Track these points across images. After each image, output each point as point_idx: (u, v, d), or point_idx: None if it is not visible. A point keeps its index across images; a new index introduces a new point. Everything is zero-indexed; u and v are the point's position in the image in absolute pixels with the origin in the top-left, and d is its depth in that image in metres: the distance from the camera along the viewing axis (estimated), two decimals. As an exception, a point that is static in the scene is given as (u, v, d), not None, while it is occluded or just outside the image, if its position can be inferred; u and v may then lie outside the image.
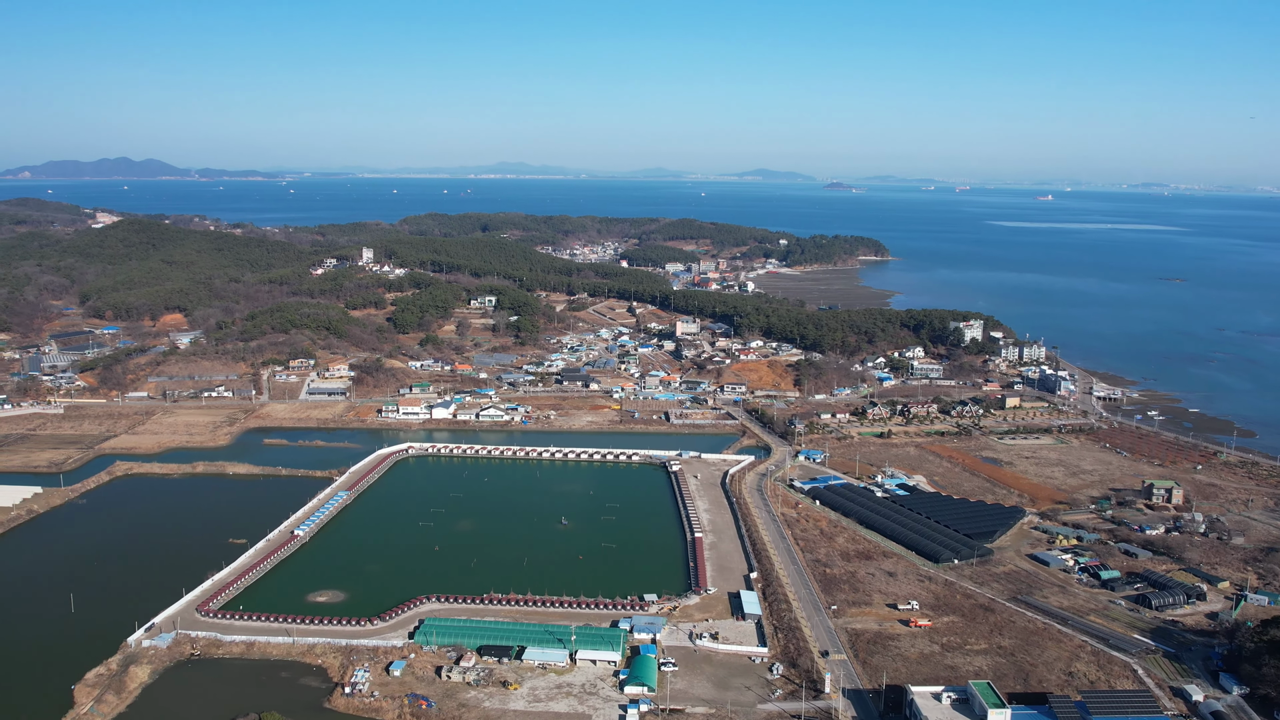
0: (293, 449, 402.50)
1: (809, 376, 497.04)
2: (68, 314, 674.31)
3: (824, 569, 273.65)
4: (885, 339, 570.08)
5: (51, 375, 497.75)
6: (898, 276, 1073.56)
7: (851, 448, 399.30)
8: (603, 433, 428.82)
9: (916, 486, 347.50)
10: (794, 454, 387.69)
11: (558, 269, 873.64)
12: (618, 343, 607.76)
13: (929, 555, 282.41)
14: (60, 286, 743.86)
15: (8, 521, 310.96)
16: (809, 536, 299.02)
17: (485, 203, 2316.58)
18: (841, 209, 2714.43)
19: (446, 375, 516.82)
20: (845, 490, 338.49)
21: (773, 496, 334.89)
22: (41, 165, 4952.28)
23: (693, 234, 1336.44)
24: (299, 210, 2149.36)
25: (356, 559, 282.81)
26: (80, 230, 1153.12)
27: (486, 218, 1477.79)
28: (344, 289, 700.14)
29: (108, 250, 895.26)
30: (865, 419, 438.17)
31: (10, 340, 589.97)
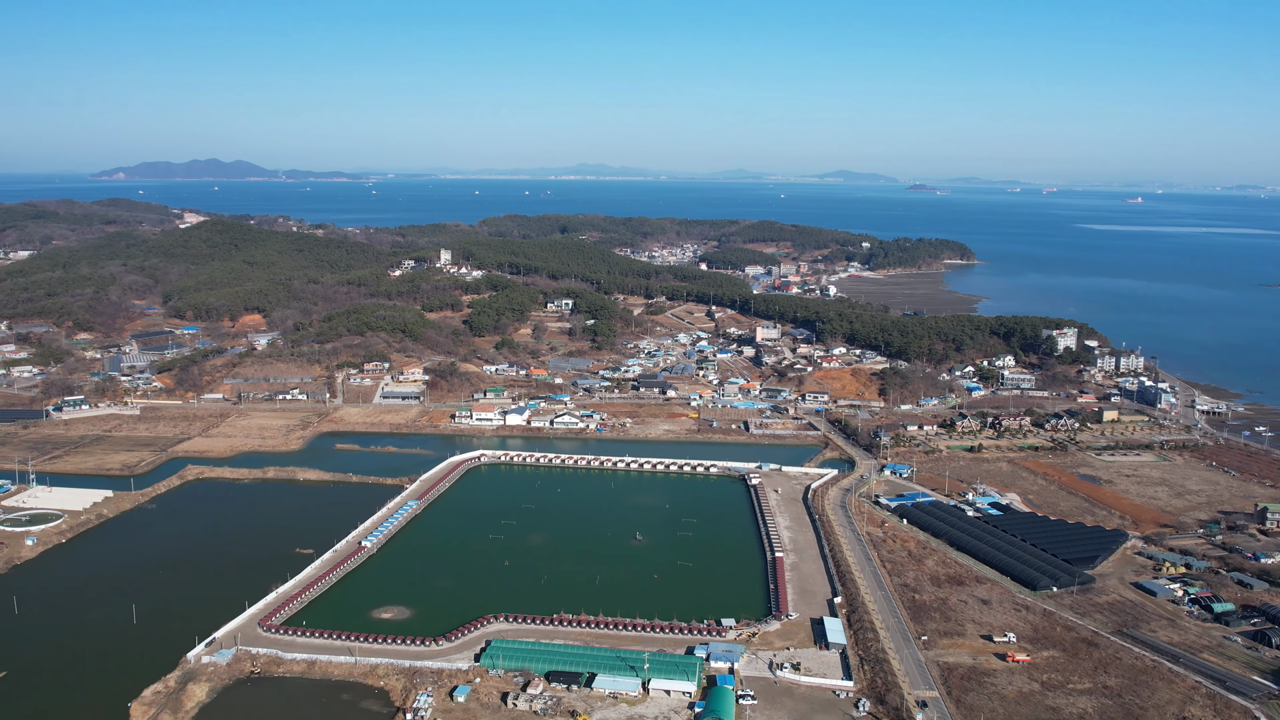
0: (364, 454, 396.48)
1: (894, 386, 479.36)
2: (150, 314, 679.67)
3: (913, 595, 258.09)
4: (974, 347, 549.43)
5: (130, 376, 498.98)
6: (984, 281, 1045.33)
7: (940, 462, 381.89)
8: (679, 442, 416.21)
9: (1010, 505, 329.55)
10: (879, 468, 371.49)
11: (636, 271, 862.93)
12: (696, 348, 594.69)
13: (1026, 582, 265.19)
14: (144, 286, 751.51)
15: (77, 526, 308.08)
16: (896, 558, 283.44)
17: (564, 204, 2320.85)
18: (924, 211, 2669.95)
19: (521, 380, 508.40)
20: (935, 509, 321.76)
21: (857, 514, 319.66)
22: (135, 166, 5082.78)
23: (773, 236, 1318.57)
24: (381, 211, 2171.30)
25: (424, 573, 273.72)
26: (167, 230, 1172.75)
27: (565, 219, 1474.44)
28: (421, 291, 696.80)
29: (191, 250, 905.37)
30: (954, 432, 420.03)
31: (93, 340, 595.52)
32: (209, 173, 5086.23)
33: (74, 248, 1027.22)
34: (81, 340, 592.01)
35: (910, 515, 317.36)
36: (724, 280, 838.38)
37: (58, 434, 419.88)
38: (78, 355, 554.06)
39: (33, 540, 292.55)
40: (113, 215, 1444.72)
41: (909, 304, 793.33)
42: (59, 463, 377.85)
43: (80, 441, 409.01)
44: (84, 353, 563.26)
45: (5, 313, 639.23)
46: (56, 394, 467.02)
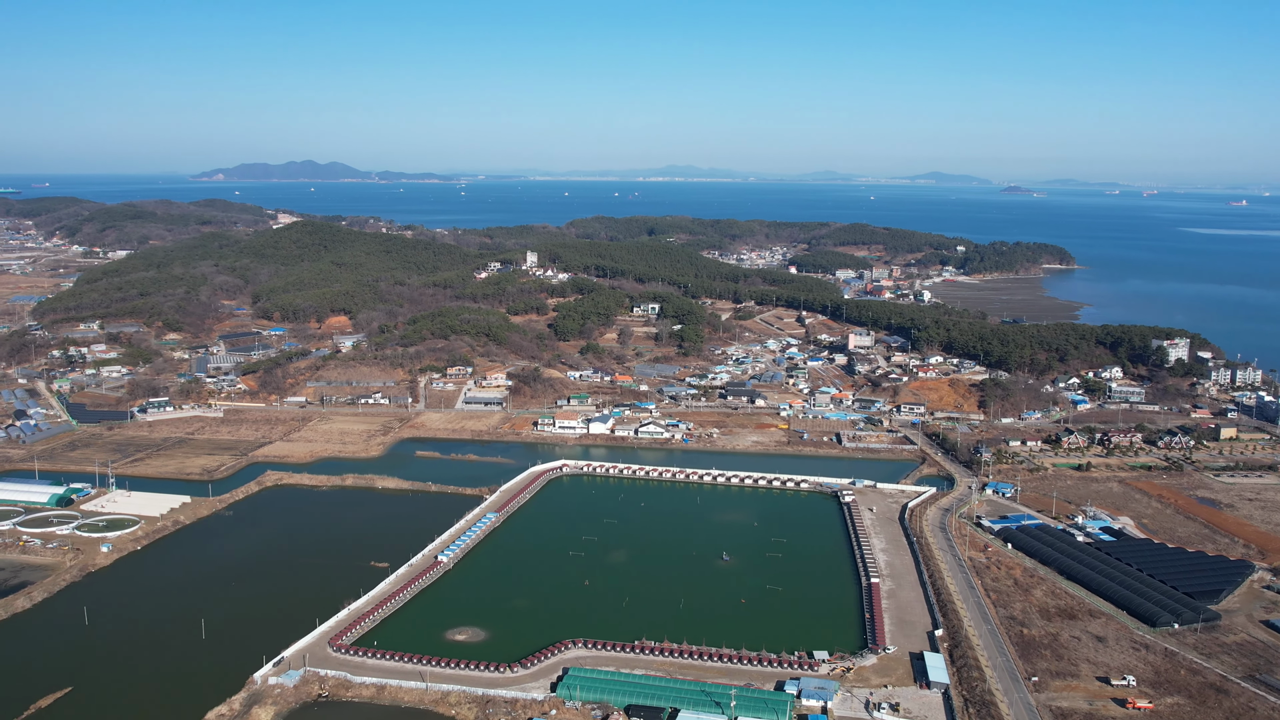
0: (444, 462, 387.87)
1: (995, 398, 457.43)
2: (238, 315, 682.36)
3: (1020, 629, 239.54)
4: (1078, 357, 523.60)
5: (214, 378, 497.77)
6: (1085, 287, 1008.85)
7: (1045, 481, 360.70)
8: (768, 454, 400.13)
9: (1123, 530, 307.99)
10: (980, 486, 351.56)
11: (724, 275, 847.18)
12: (785, 355, 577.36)
13: (1144, 617, 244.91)
14: (234, 287, 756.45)
15: (153, 533, 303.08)
16: (1001, 587, 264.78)
17: (652, 205, 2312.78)
18: (1020, 214, 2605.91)
19: (606, 387, 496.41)
20: (1042, 533, 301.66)
21: (958, 536, 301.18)
22: (234, 168, 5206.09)
23: (864, 239, 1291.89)
24: (470, 212, 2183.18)
25: (501, 592, 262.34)
26: (259, 231, 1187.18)
27: (653, 221, 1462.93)
28: (506, 294, 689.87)
29: (281, 251, 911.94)
30: (1059, 448, 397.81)
31: (181, 340, 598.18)
32: (304, 174, 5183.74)
33: (169, 248, 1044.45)
34: (170, 340, 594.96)
35: (1015, 539, 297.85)
36: (814, 284, 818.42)
37: (141, 436, 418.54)
38: (166, 356, 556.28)
39: (108, 547, 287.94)
40: (208, 215, 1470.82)
41: (1007, 310, 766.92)
42: (140, 466, 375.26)
43: (163, 444, 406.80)
44: (172, 353, 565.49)
45: (99, 312, 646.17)
46: (142, 395, 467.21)
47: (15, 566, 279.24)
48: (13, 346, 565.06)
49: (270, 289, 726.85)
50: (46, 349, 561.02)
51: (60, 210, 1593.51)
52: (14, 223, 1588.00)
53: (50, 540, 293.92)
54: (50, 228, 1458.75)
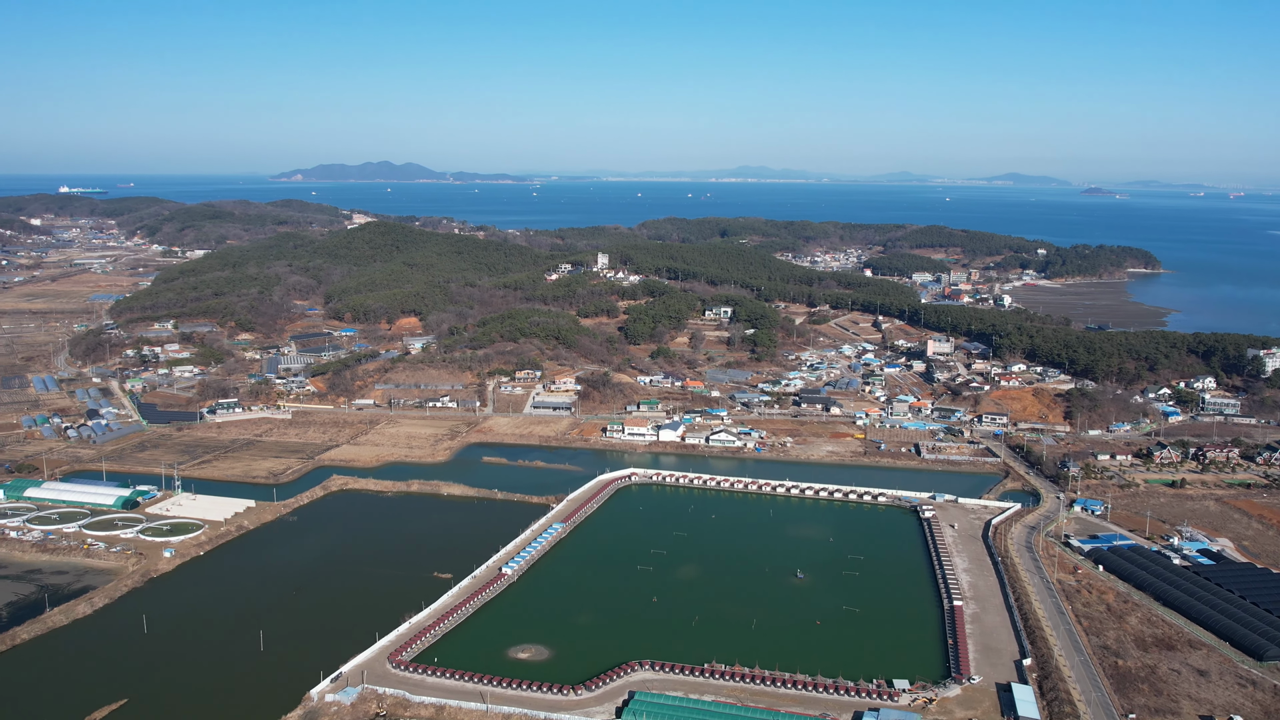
0: (511, 469, 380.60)
1: (1081, 408, 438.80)
2: (310, 315, 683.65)
3: (1115, 660, 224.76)
4: (1168, 366, 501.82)
5: (284, 379, 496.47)
6: (1172, 292, 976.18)
7: (1137, 498, 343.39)
8: (844, 465, 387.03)
9: (1222, 553, 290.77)
10: (1068, 503, 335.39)
11: (798, 278, 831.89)
12: (861, 361, 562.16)
13: (1249, 650, 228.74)
14: (307, 287, 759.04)
15: (216, 538, 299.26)
16: (1093, 614, 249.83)
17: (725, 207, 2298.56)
18: (1101, 216, 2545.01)
19: (676, 392, 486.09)
20: (1135, 554, 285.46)
21: (1045, 557, 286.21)
22: (312, 168, 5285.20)
23: (941, 241, 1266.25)
24: (542, 213, 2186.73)
25: (566, 607, 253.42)
26: (334, 231, 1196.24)
27: (725, 222, 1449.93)
28: (577, 296, 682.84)
29: (354, 251, 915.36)
30: (1151, 463, 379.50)
31: (253, 340, 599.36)
32: (380, 174, 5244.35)
33: (245, 247, 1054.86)
34: (242, 341, 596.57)
35: (1107, 561, 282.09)
36: (890, 288, 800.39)
37: (209, 437, 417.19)
38: (238, 356, 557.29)
39: (170, 552, 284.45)
40: (284, 216, 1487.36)
41: (1090, 316, 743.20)
42: (207, 468, 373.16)
43: (230, 446, 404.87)
44: (244, 353, 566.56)
45: (174, 311, 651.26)
46: (212, 396, 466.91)
47: (79, 570, 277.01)
48: (88, 345, 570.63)
49: (342, 289, 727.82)
50: (121, 348, 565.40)
51: (142, 210, 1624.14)
52: (97, 222, 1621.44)
53: (114, 544, 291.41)
54: (132, 227, 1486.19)
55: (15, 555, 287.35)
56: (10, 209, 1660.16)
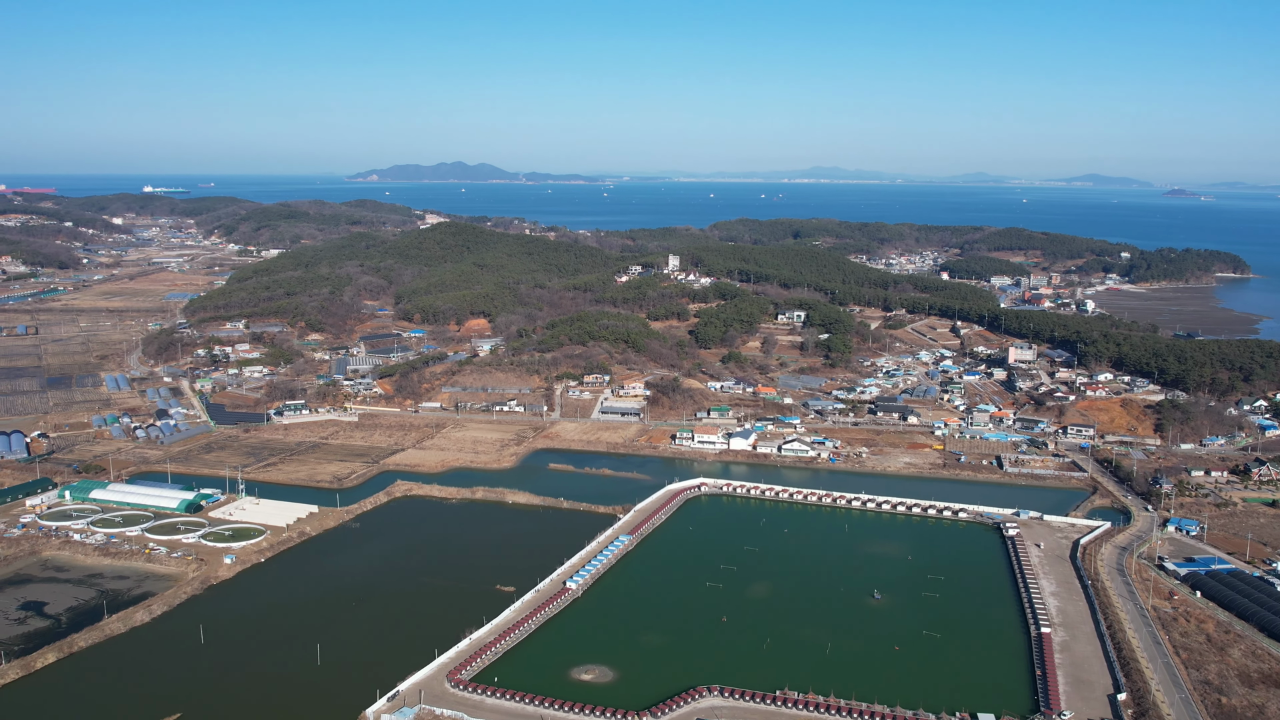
0: (578, 476, 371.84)
1: (1173, 421, 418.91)
2: (380, 316, 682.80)
3: (1218, 696, 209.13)
4: (1264, 377, 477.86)
5: (351, 381, 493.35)
6: (1264, 298, 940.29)
7: (1235, 518, 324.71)
8: (922, 478, 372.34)
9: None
10: (1161, 522, 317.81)
11: (872, 281, 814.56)
12: (939, 368, 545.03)
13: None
14: (378, 287, 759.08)
15: (278, 544, 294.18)
16: (1192, 644, 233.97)
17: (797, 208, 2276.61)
18: (1186, 218, 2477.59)
19: (748, 399, 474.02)
20: (1236, 580, 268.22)
21: (1139, 581, 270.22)
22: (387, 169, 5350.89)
23: (1020, 244, 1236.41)
24: (613, 214, 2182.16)
25: (631, 625, 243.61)
26: (406, 231, 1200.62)
27: (798, 224, 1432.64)
28: (647, 298, 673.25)
29: (425, 252, 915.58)
30: (1249, 480, 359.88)
31: (323, 341, 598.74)
32: (454, 175, 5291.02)
33: (318, 247, 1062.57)
34: (312, 341, 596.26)
35: (1205, 587, 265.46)
36: (968, 292, 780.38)
37: (276, 439, 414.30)
38: (307, 356, 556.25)
39: (231, 559, 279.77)
40: (358, 215, 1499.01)
41: (1178, 322, 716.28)
42: (272, 471, 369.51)
43: (296, 449, 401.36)
44: (313, 354, 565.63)
45: (245, 311, 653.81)
46: (279, 397, 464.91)
47: (140, 575, 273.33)
48: (161, 344, 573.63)
49: (412, 290, 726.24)
50: (193, 347, 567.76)
51: (219, 209, 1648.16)
52: (177, 221, 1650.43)
53: (175, 549, 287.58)
54: (209, 226, 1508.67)
55: (78, 559, 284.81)
56: (94, 208, 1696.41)
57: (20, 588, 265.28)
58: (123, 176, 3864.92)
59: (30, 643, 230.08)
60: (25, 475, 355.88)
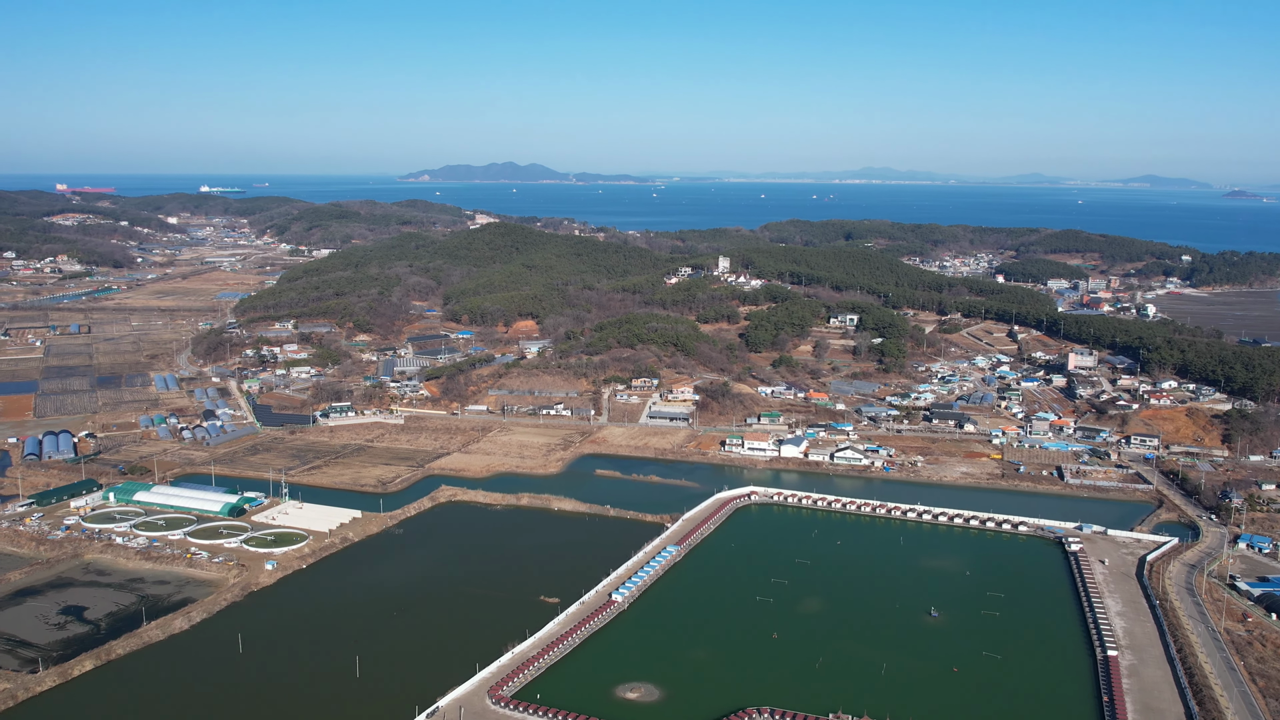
0: (625, 483, 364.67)
1: (1241, 431, 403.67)
2: (428, 317, 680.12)
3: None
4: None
5: (398, 382, 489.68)
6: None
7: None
8: (979, 488, 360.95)
9: None
10: (1232, 539, 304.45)
11: (926, 284, 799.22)
12: (996, 374, 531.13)
13: None
14: (426, 288, 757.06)
15: (320, 550, 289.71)
16: (1270, 671, 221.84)
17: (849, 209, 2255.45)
18: (1248, 220, 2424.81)
19: (799, 404, 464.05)
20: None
21: (1210, 601, 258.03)
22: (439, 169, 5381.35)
23: (1077, 246, 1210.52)
24: (663, 214, 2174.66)
25: (678, 641, 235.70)
26: (456, 231, 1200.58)
27: (850, 225, 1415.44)
28: (696, 301, 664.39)
29: (474, 252, 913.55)
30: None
31: (371, 341, 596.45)
32: (505, 175, 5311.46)
33: (368, 247, 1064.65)
34: (360, 342, 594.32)
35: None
36: (1025, 295, 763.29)
37: (321, 442, 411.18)
38: (355, 357, 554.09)
39: (272, 564, 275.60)
40: (408, 216, 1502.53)
41: (1243, 328, 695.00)
42: (316, 474, 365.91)
43: (341, 451, 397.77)
44: (361, 354, 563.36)
45: (294, 311, 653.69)
46: (325, 398, 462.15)
47: (181, 581, 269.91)
48: (210, 344, 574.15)
49: (460, 291, 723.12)
50: (241, 347, 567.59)
51: (272, 209, 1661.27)
52: (231, 220, 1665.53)
53: (217, 554, 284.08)
54: (262, 226, 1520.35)
55: (120, 562, 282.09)
56: (150, 207, 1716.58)
57: (62, 591, 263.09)
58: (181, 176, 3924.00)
59: (69, 649, 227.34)
60: (71, 476, 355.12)
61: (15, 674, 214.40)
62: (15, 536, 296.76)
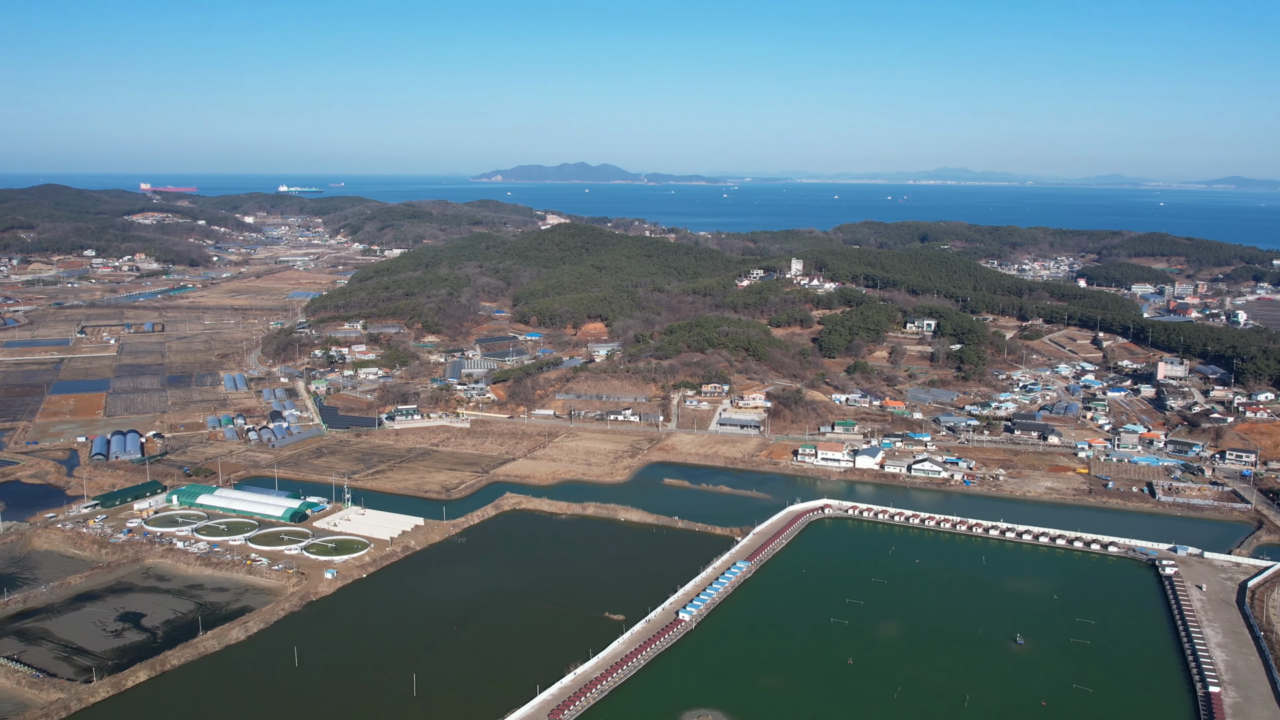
0: (694, 493, 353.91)
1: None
2: (497, 318, 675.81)
3: None
4: None
5: (465, 385, 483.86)
6: None
7: None
8: (1065, 505, 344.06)
9: None
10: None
11: (1006, 288, 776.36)
12: (1080, 383, 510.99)
13: None
14: (495, 289, 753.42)
15: (380, 559, 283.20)
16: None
17: (924, 210, 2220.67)
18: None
19: (875, 413, 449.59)
20: None
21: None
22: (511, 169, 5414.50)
23: (1162, 250, 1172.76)
24: (734, 215, 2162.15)
25: (749, 665, 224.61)
26: (526, 232, 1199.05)
27: (925, 227, 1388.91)
28: (768, 304, 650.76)
29: (544, 253, 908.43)
30: None
31: (439, 343, 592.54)
32: (577, 175, 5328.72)
33: (439, 247, 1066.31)
34: (428, 343, 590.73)
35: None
36: (1109, 300, 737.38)
37: (386, 445, 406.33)
38: (423, 359, 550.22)
39: (332, 573, 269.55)
40: (480, 216, 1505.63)
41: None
42: (380, 479, 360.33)
43: (406, 455, 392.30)
44: (429, 356, 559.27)
45: (364, 311, 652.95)
46: (392, 401, 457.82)
47: (240, 588, 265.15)
48: (279, 344, 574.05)
49: (530, 292, 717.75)
50: (310, 348, 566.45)
51: (346, 209, 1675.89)
52: (305, 220, 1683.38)
53: (277, 561, 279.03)
54: (336, 225, 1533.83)
55: (180, 568, 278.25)
56: (227, 207, 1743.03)
57: (121, 597, 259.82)
58: (260, 176, 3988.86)
59: (124, 657, 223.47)
60: (137, 477, 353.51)
61: (70, 683, 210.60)
62: (78, 539, 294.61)
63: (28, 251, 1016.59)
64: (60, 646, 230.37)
